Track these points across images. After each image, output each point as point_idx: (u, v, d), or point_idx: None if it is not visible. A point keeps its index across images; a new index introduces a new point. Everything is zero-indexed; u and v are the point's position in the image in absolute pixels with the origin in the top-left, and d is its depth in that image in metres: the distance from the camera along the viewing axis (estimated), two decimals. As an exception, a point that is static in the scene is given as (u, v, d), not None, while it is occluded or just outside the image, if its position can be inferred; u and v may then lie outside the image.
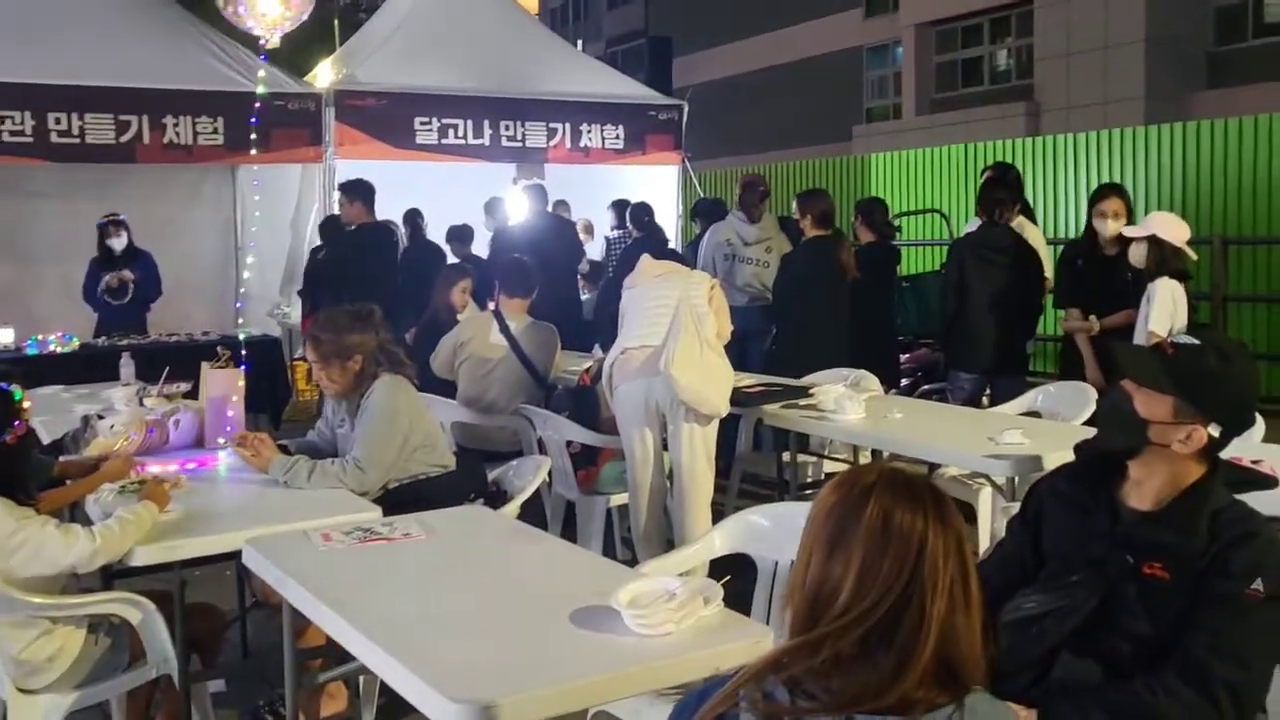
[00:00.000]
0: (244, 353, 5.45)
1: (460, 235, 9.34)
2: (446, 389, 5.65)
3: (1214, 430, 2.31)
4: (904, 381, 7.78)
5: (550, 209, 9.23)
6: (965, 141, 12.74)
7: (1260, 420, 4.36)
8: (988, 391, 6.32)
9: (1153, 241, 5.19)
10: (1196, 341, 2.41)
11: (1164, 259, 5.17)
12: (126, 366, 5.97)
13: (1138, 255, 5.28)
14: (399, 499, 3.73)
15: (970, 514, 4.96)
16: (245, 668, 4.28)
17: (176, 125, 8.46)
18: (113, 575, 3.55)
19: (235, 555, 3.19)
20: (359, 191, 7.86)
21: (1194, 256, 5.42)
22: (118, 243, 8.16)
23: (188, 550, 3.20)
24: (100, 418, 4.25)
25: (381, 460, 3.76)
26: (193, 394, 4.71)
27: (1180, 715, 2.16)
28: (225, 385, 4.31)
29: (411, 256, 8.75)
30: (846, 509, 1.64)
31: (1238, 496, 2.48)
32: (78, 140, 8.17)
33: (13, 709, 3.09)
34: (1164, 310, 5.05)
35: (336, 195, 8.21)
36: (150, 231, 8.75)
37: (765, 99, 28.19)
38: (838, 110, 25.64)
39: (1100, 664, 2.32)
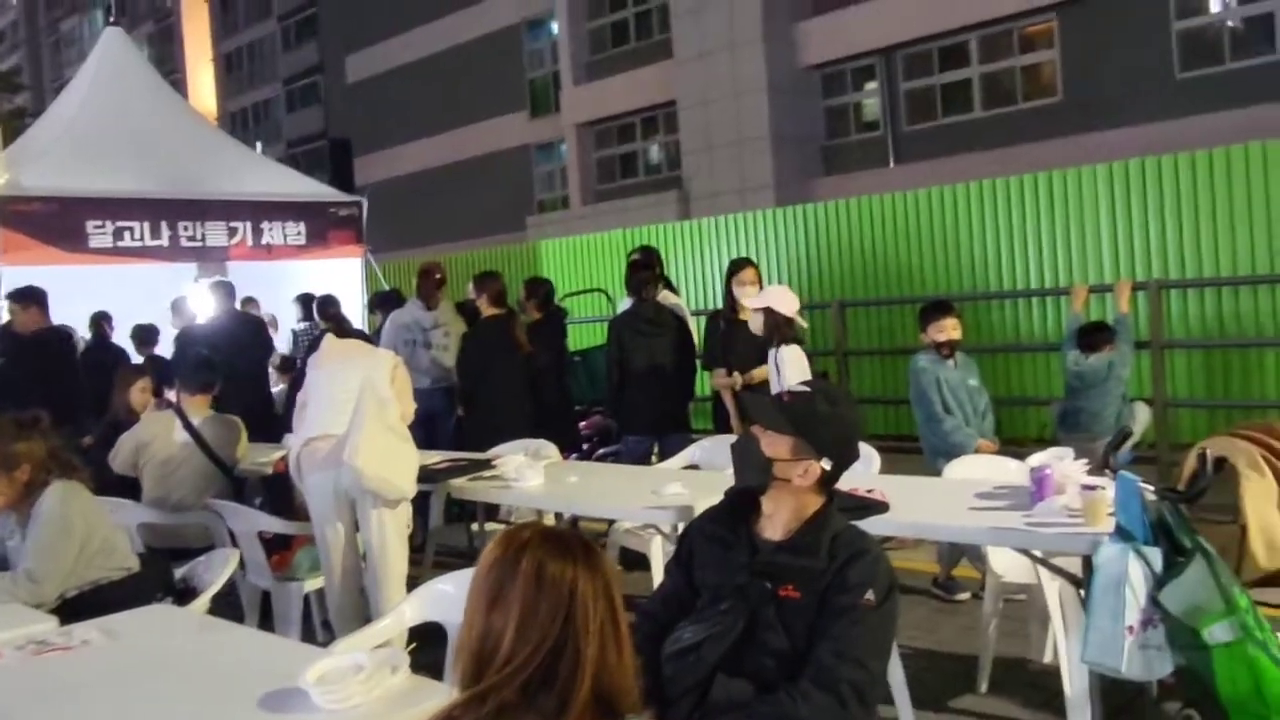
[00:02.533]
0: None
1: (143, 335, 8.77)
2: (132, 491, 5.26)
3: (826, 464, 2.51)
4: (584, 446, 7.93)
5: (239, 306, 8.85)
6: (625, 227, 13.24)
7: (875, 454, 4.76)
8: (656, 449, 6.54)
9: (767, 312, 5.56)
10: (808, 389, 2.63)
11: (777, 327, 5.53)
12: None
13: (757, 324, 5.65)
14: (80, 606, 3.44)
15: (646, 561, 5.13)
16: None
17: None
18: None
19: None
20: (34, 297, 7.25)
21: (804, 325, 5.84)
22: None
23: None
24: None
25: (55, 570, 3.46)
26: None
27: (816, 716, 2.30)
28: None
29: (94, 359, 8.12)
30: (504, 565, 1.66)
31: (855, 522, 2.71)
32: None
33: None
34: (795, 373, 5.42)
35: (6, 304, 7.50)
36: None
37: (445, 193, 28.30)
38: (512, 202, 26.07)
39: (751, 681, 2.42)
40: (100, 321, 8.92)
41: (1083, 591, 3.34)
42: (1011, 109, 18.05)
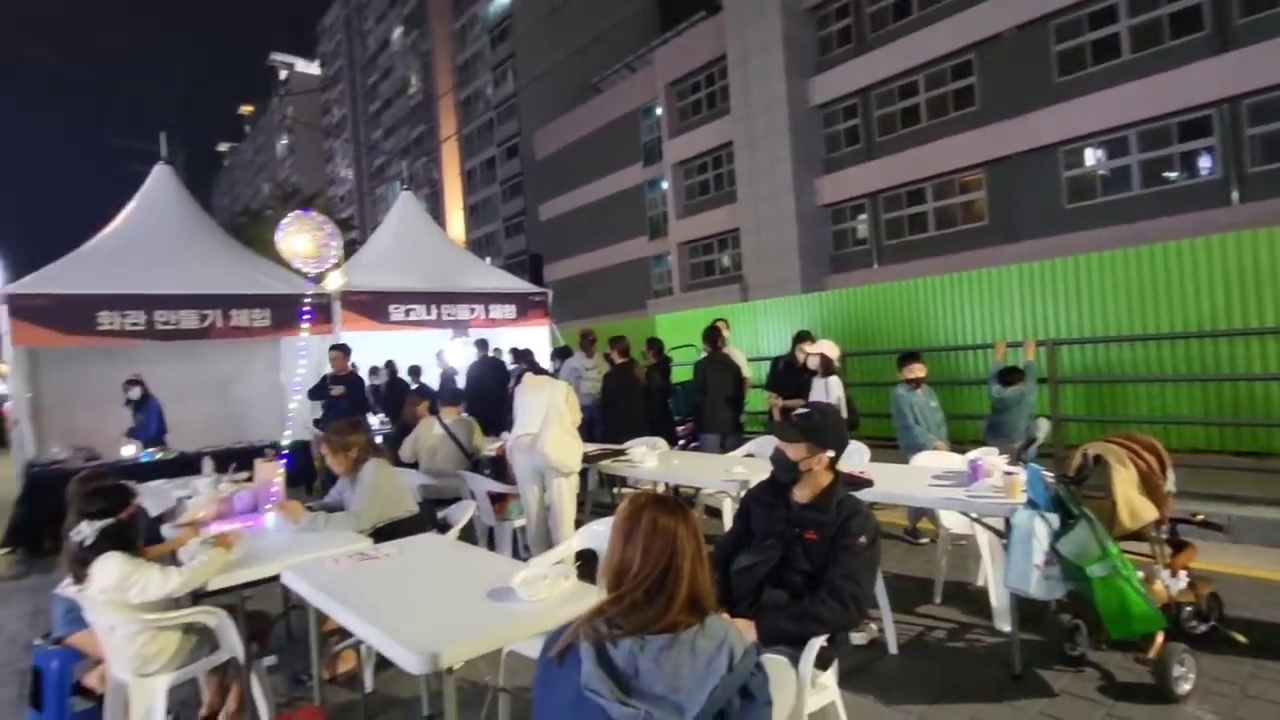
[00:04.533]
0: (287, 452, 5.07)
1: (416, 371, 9.14)
2: (413, 465, 5.45)
3: (830, 454, 2.47)
4: (680, 442, 7.89)
5: (490, 353, 9.21)
6: (709, 305, 13.17)
7: (867, 449, 4.63)
8: (725, 444, 6.46)
9: (822, 356, 5.51)
10: (807, 409, 2.58)
11: (829, 365, 5.47)
12: (207, 465, 5.53)
13: (814, 363, 5.58)
14: (384, 534, 3.57)
15: (720, 514, 5.07)
16: (289, 648, 3.97)
17: (239, 314, 8.03)
18: (199, 596, 3.27)
19: (278, 577, 2.99)
20: (348, 350, 7.60)
21: (838, 365, 5.77)
22: (133, 393, 7.36)
23: (243, 577, 2.97)
24: (188, 499, 3.95)
25: (370, 511, 3.61)
26: (253, 478, 4.40)
27: (828, 614, 2.26)
28: (270, 472, 4.06)
29: (388, 387, 8.49)
30: (632, 518, 1.68)
31: (853, 492, 2.65)
32: (174, 326, 7.61)
33: (134, 689, 2.78)
34: (836, 393, 5.33)
35: (330, 352, 7.67)
36: (220, 379, 8.15)
37: (598, 286, 28.73)
38: (637, 291, 26.31)
39: (786, 591, 2.41)
40: (391, 365, 9.32)
41: (1004, 541, 3.20)
42: (955, 229, 17.43)
